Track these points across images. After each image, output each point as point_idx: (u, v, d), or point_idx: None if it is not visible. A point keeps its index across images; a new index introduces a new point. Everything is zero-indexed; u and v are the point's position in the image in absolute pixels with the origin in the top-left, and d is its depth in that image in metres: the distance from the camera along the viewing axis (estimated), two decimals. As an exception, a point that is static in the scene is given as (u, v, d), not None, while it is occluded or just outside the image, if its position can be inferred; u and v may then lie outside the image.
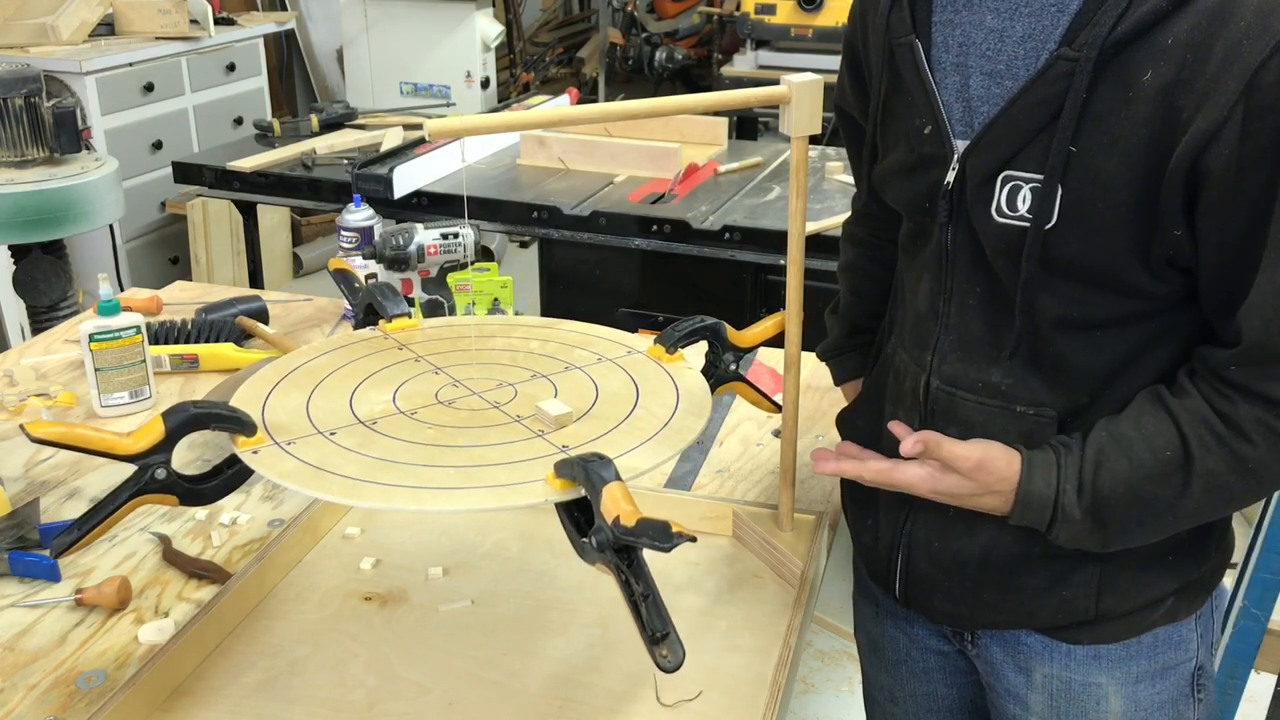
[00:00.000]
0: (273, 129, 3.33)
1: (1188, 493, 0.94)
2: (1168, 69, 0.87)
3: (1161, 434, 0.95)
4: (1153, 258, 0.93)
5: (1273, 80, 0.83)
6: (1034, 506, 0.99)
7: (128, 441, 0.94)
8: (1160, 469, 0.95)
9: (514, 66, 6.60)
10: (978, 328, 1.04)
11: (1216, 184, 0.87)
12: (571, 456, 0.92)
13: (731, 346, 1.20)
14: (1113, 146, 0.90)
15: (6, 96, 2.48)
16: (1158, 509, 0.96)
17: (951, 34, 1.00)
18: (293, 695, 1.07)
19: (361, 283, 1.31)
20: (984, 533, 1.06)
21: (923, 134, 1.02)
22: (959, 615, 1.13)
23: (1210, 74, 0.85)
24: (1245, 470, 0.92)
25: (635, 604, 0.88)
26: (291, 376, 1.11)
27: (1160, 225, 0.91)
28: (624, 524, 0.84)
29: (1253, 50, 0.84)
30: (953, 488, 1.01)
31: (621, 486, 0.87)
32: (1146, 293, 0.96)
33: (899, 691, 1.31)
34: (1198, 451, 0.93)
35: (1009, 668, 1.15)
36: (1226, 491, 0.94)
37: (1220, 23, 0.85)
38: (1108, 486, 0.96)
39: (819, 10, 4.38)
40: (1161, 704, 1.12)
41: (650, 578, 0.89)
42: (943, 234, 1.04)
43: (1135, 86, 0.88)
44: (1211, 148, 0.86)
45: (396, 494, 0.91)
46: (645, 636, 0.88)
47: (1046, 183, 0.93)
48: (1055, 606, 1.07)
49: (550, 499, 0.91)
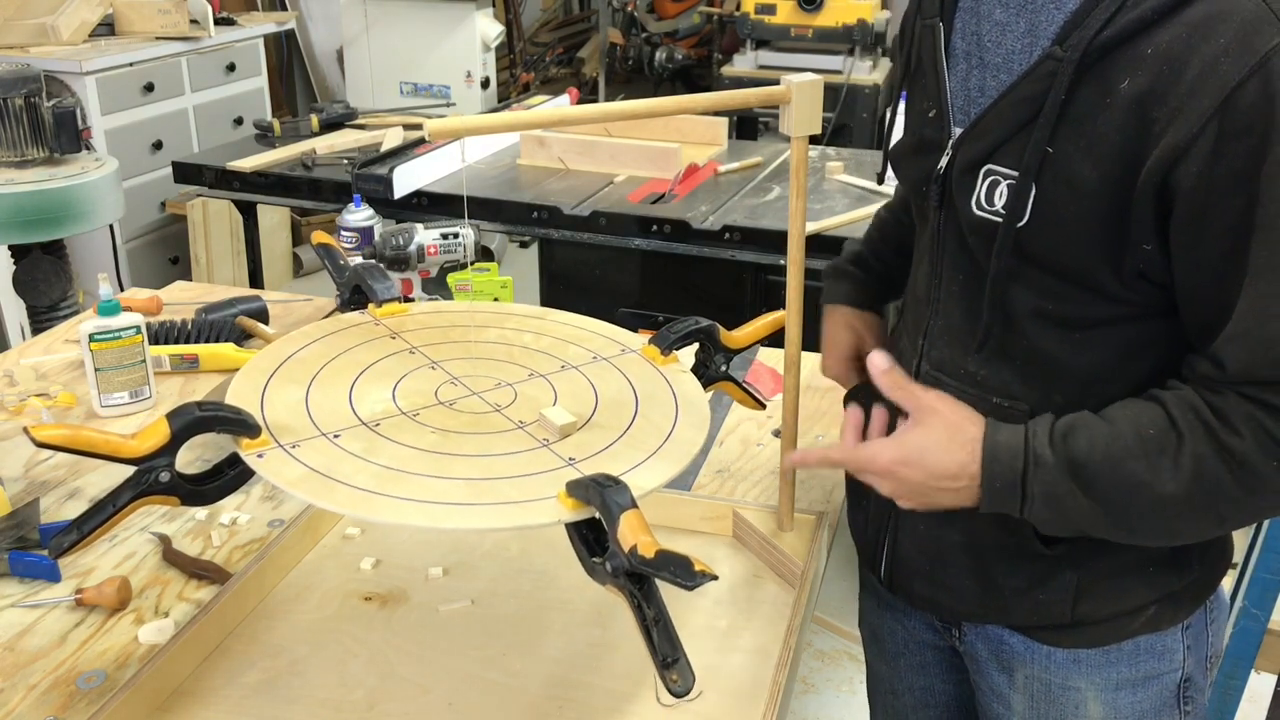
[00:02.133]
0: (273, 129, 3.33)
1: (1178, 476, 0.89)
2: (1144, 79, 0.86)
3: (1147, 414, 0.92)
4: (1124, 268, 0.92)
5: (1251, 101, 0.82)
6: (1003, 458, 0.94)
7: (133, 444, 0.93)
8: (1144, 447, 0.90)
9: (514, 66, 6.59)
10: (959, 315, 1.05)
11: (1186, 201, 0.86)
12: (583, 478, 0.92)
13: (723, 348, 1.21)
14: (1088, 151, 0.89)
15: (6, 96, 2.48)
16: (1147, 489, 0.90)
17: (969, 22, 1.01)
18: (293, 695, 1.07)
19: (346, 260, 1.29)
20: (962, 519, 1.04)
21: (927, 116, 1.04)
22: (937, 603, 1.14)
23: (1184, 89, 0.84)
24: (1234, 461, 0.88)
25: (647, 629, 0.88)
26: (287, 367, 1.10)
27: (1131, 238, 0.90)
28: (642, 554, 0.84)
29: (1231, 68, 0.83)
30: (918, 441, 0.97)
31: (638, 515, 0.87)
32: (1121, 298, 0.95)
33: (899, 684, 1.32)
34: (1186, 433, 0.90)
35: (993, 667, 1.15)
36: (1217, 483, 0.89)
37: (1201, 38, 0.84)
38: (1083, 448, 0.92)
39: (819, 10, 4.38)
40: (1143, 713, 1.11)
41: (662, 603, 0.89)
42: (936, 219, 1.05)
43: (1113, 93, 0.88)
44: (1180, 164, 0.85)
45: (409, 509, 0.90)
46: (656, 661, 0.88)
47: (1021, 180, 0.93)
48: (1031, 607, 1.07)
49: (562, 519, 0.91)
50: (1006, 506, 0.95)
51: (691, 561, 0.83)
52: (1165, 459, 0.90)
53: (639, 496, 0.90)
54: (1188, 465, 0.89)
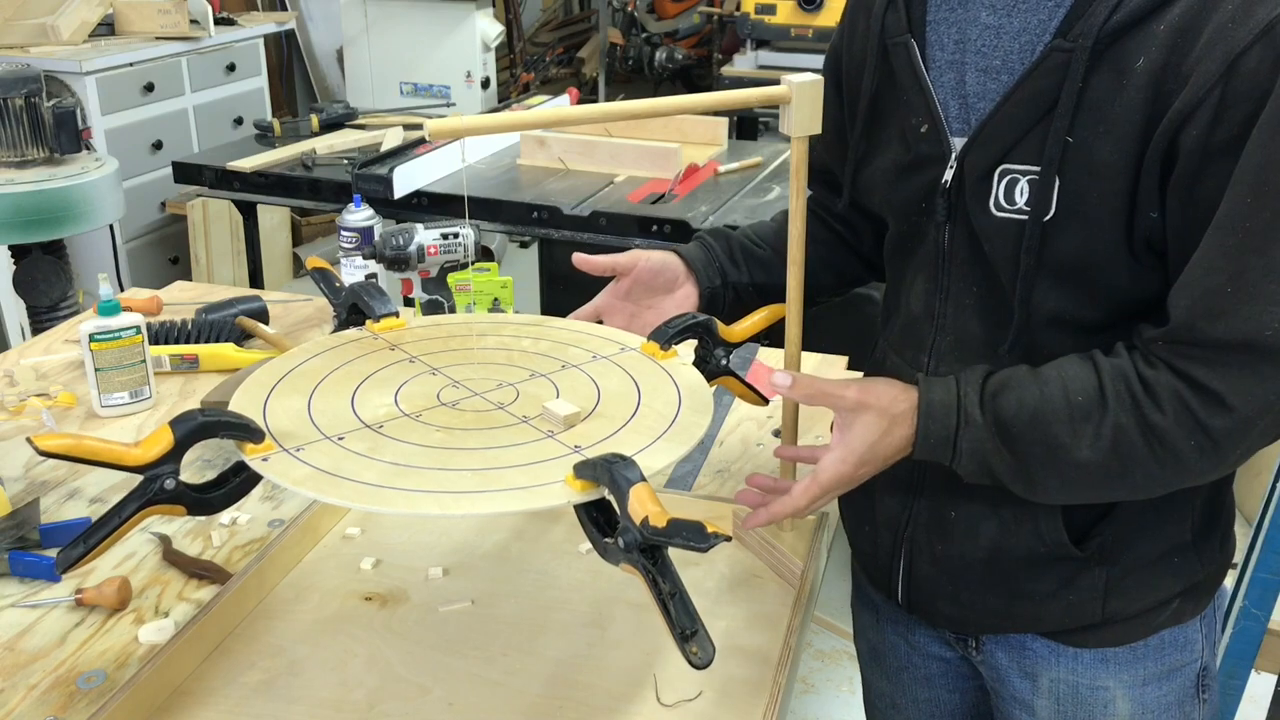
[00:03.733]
0: (273, 129, 3.33)
1: (1097, 444, 0.91)
2: (1158, 54, 0.87)
3: (1080, 379, 0.93)
4: (1135, 243, 0.92)
5: (1252, 67, 0.83)
6: (937, 416, 0.96)
7: (137, 452, 0.92)
8: (1070, 412, 0.92)
9: (514, 66, 6.60)
10: (975, 327, 1.03)
11: (1185, 163, 0.87)
12: (591, 458, 0.92)
13: (722, 341, 1.21)
14: (1107, 134, 0.90)
15: (6, 96, 2.48)
16: (1065, 452, 0.92)
17: (947, 32, 1.00)
18: (293, 695, 1.07)
19: (342, 282, 1.30)
20: (987, 534, 1.06)
21: (919, 133, 1.02)
22: (964, 620, 1.13)
23: (1195, 56, 0.85)
24: (1153, 436, 0.90)
25: (664, 602, 0.89)
26: (288, 379, 1.10)
27: (1140, 206, 0.91)
28: (654, 525, 0.84)
29: (1236, 35, 0.84)
30: (862, 437, 0.98)
31: (648, 487, 0.87)
32: (1134, 293, 0.95)
33: (901, 698, 1.30)
34: (1112, 403, 0.91)
35: (1014, 673, 1.14)
36: (1133, 455, 0.91)
37: (1211, 6, 0.85)
38: (1011, 408, 0.94)
39: (819, 10, 4.38)
40: (1168, 705, 1.12)
41: (677, 576, 0.89)
42: (940, 234, 1.03)
43: (1128, 73, 0.88)
44: (1185, 127, 0.86)
45: (420, 499, 0.90)
46: (675, 634, 0.88)
47: (1044, 174, 0.93)
48: (1062, 611, 1.07)
49: (572, 500, 0.91)
50: (936, 457, 0.98)
51: (703, 525, 0.83)
52: (1088, 425, 0.92)
53: (650, 476, 0.90)
54: (1108, 435, 0.91)
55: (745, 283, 1.25)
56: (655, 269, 1.23)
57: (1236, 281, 0.85)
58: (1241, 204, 0.85)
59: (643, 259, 1.23)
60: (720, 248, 1.25)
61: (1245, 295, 0.85)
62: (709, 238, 1.27)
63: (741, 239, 1.27)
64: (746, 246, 1.26)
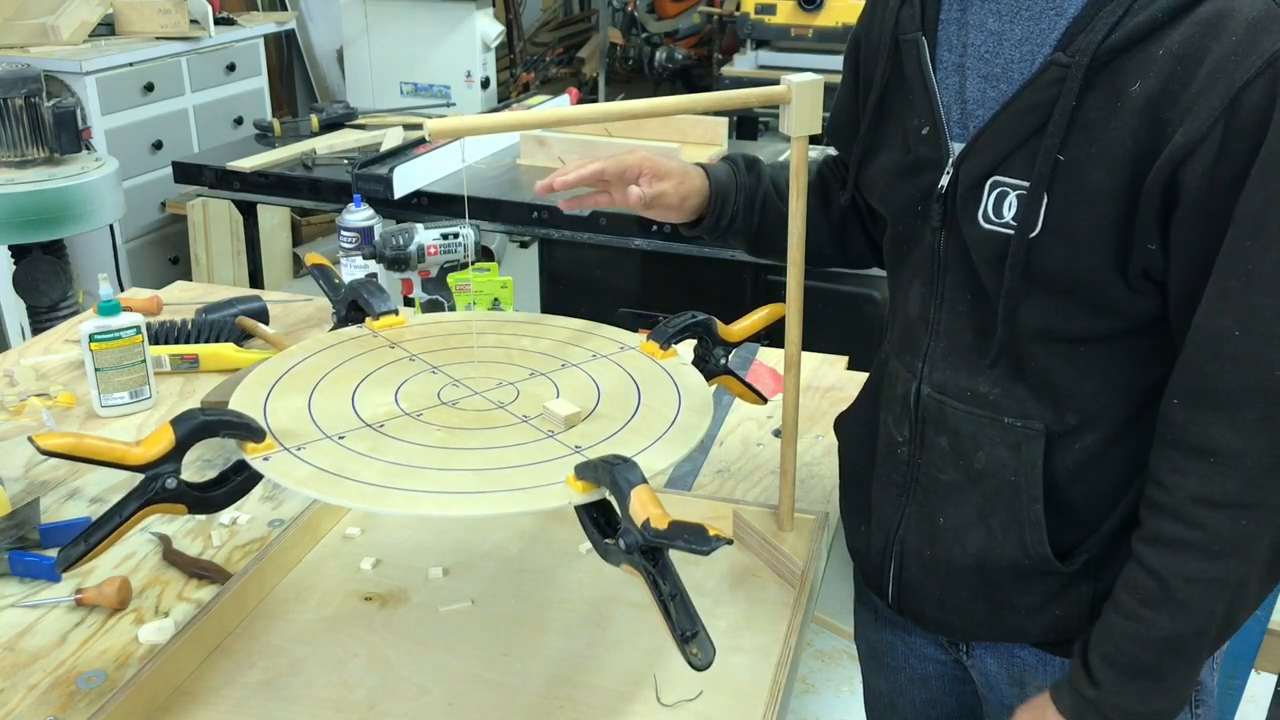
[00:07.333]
0: (273, 129, 3.33)
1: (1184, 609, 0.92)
2: (1155, 80, 0.85)
3: (1131, 577, 0.95)
4: (1130, 271, 0.91)
5: (1255, 101, 0.82)
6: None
7: (138, 451, 0.93)
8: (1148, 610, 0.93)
9: (514, 66, 6.59)
10: (968, 335, 1.02)
11: (1189, 201, 0.86)
12: (592, 459, 0.92)
13: (721, 341, 1.21)
14: (1099, 157, 0.88)
15: (6, 96, 2.48)
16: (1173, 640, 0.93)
17: (956, 34, 0.98)
18: (293, 695, 1.07)
19: (341, 279, 1.30)
20: (974, 543, 1.05)
21: (920, 134, 1.01)
22: (950, 625, 1.13)
23: (1197, 87, 0.84)
24: (1213, 553, 0.90)
25: (664, 604, 0.89)
26: (287, 378, 1.10)
27: (1137, 238, 0.89)
28: (655, 527, 0.84)
29: (1240, 67, 0.82)
30: None
31: (649, 489, 0.87)
32: (1125, 310, 0.94)
33: (898, 698, 1.30)
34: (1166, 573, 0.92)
35: (1003, 681, 1.14)
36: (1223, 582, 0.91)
37: (1213, 35, 0.83)
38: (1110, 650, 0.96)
39: (819, 10, 4.38)
40: None
41: (678, 577, 0.90)
42: (935, 239, 1.02)
43: (1124, 96, 0.87)
44: (1188, 163, 0.84)
45: (421, 499, 0.91)
46: (675, 635, 0.88)
47: (1033, 190, 0.91)
48: (1047, 624, 1.06)
49: (573, 501, 0.91)
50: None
51: (705, 528, 0.83)
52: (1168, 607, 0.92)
53: (651, 477, 0.90)
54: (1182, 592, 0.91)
55: (753, 226, 1.22)
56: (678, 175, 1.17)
57: (1245, 324, 0.85)
58: (1240, 246, 0.84)
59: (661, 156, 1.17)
60: (746, 184, 1.21)
61: (1256, 338, 0.85)
62: (741, 170, 1.22)
63: (769, 188, 1.23)
64: (770, 197, 1.22)
